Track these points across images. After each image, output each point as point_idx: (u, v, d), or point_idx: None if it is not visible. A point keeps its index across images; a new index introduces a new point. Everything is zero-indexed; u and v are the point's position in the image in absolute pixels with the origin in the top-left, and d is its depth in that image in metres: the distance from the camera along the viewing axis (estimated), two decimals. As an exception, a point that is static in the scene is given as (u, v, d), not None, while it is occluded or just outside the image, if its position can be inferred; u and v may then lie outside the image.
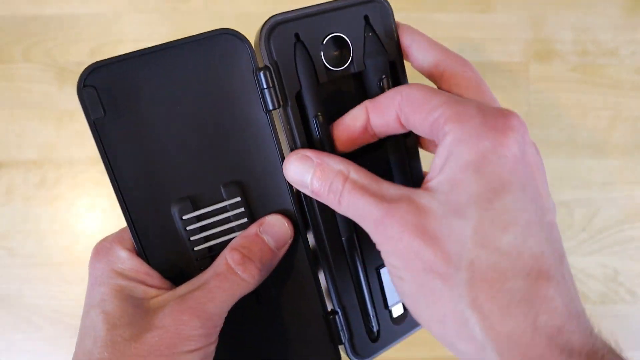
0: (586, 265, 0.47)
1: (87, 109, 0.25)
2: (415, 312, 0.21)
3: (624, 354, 0.21)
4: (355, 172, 0.22)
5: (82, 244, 0.46)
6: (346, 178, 0.22)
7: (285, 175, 0.25)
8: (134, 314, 0.23)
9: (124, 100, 0.25)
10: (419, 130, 0.22)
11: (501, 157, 0.19)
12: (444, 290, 0.19)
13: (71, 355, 0.32)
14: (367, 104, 0.24)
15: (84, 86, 0.25)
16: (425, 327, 0.21)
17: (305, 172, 0.23)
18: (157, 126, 0.26)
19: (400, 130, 0.24)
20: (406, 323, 0.32)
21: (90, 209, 0.46)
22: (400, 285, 0.21)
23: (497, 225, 0.19)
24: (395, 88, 0.23)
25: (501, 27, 0.49)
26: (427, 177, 0.21)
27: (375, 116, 0.24)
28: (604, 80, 0.49)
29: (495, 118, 0.20)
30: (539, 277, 0.18)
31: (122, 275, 0.24)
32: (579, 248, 0.48)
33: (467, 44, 0.48)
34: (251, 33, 0.52)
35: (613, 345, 0.20)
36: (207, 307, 0.23)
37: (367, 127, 0.24)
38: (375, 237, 0.21)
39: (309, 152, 0.24)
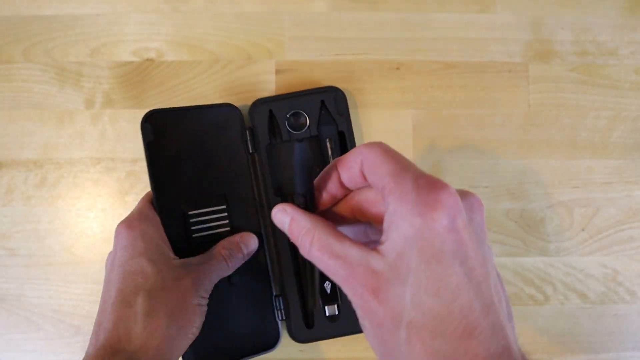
0: (586, 265, 0.47)
1: (144, 134, 0.40)
2: (377, 352, 0.25)
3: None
4: (321, 232, 0.26)
5: (82, 243, 0.46)
6: (312, 237, 0.26)
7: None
8: (169, 266, 0.36)
9: (165, 133, 0.41)
10: (376, 186, 0.27)
11: (432, 230, 0.23)
12: (392, 343, 0.23)
13: (71, 355, 0.33)
14: (336, 161, 0.28)
15: (145, 121, 0.41)
16: None
17: (283, 221, 0.28)
18: (181, 152, 0.42)
19: (366, 184, 0.28)
20: (340, 324, 0.43)
21: (90, 209, 0.46)
22: (364, 328, 0.25)
23: (430, 291, 0.22)
24: (358, 148, 0.27)
25: (501, 27, 0.49)
26: (381, 238, 0.25)
27: (344, 172, 0.28)
28: (604, 81, 0.49)
29: (428, 193, 0.23)
30: (464, 334, 0.22)
31: (155, 238, 0.37)
32: (579, 248, 0.48)
33: (467, 44, 0.48)
34: (251, 33, 0.52)
35: None
36: (211, 275, 0.37)
37: (340, 182, 0.29)
38: (343, 288, 0.25)
39: (287, 207, 0.28)
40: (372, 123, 0.47)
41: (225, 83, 0.47)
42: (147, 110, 0.41)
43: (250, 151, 0.43)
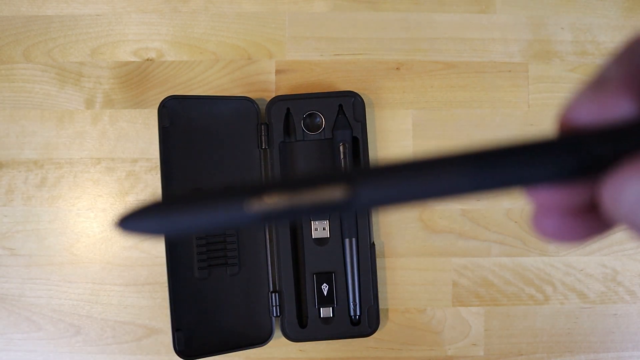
0: (586, 265, 0.47)
1: (160, 119, 0.41)
2: None
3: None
4: None
5: (83, 243, 0.46)
6: None
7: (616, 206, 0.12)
8: None
9: (181, 120, 0.42)
10: None
11: None
12: None
13: (71, 355, 0.32)
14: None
15: (163, 106, 0.41)
16: None
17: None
18: (194, 141, 0.43)
19: None
20: (334, 327, 0.43)
21: (91, 209, 0.46)
22: None
23: None
24: None
25: (501, 27, 0.49)
26: None
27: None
28: (604, 81, 0.49)
29: None
30: None
31: None
32: (579, 248, 0.48)
33: (467, 44, 0.48)
34: (251, 33, 0.52)
35: None
36: None
37: None
38: None
39: None
40: (372, 123, 0.47)
41: (225, 83, 0.47)
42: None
43: (263, 147, 0.44)
